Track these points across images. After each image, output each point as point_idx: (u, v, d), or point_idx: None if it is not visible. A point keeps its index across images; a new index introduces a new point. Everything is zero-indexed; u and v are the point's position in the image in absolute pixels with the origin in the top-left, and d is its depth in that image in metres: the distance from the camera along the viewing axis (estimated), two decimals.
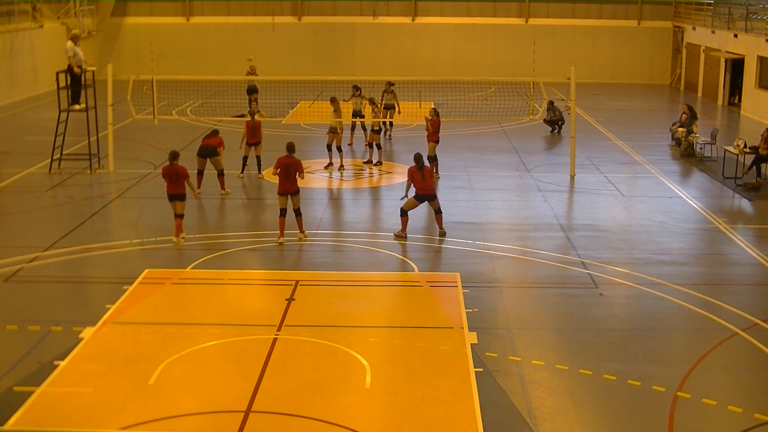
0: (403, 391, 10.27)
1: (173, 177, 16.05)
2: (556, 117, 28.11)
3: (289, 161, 15.93)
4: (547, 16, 42.71)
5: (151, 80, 23.83)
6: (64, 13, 38.77)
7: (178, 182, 16.05)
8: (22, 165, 22.50)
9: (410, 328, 12.18)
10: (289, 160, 15.95)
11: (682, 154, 24.69)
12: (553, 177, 21.79)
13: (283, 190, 15.99)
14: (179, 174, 16.03)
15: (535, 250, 15.82)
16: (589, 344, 11.74)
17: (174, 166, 16.07)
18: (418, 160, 16.31)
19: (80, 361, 11.01)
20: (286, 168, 15.89)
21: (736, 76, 34.20)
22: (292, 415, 9.67)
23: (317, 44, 42.84)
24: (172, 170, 16.06)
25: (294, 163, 15.93)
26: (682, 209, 18.89)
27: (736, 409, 9.89)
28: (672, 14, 42.54)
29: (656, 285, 13.99)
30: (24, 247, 15.73)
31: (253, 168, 21.53)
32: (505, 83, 35.26)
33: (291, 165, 15.91)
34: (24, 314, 12.63)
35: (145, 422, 9.49)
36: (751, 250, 15.96)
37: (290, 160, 15.94)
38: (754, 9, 33.98)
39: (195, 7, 43.29)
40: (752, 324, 12.43)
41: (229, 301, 13.37)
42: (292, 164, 15.92)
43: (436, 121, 21.22)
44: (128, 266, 14.74)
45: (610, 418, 9.73)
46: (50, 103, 29.28)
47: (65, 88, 21.95)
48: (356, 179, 21.71)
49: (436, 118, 21.25)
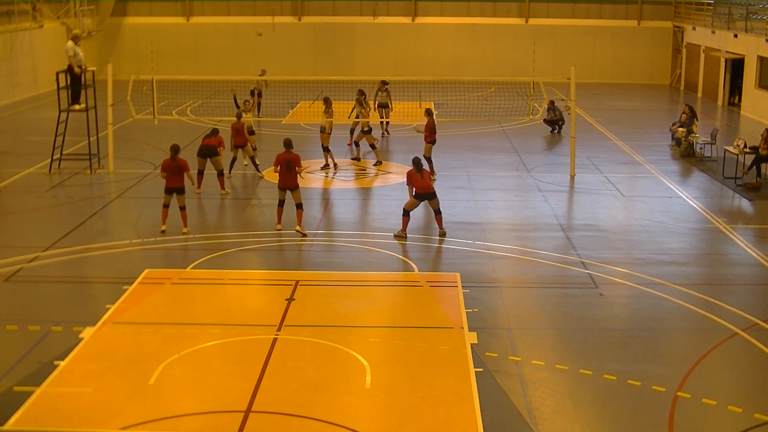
0: (403, 391, 10.27)
1: (174, 170, 16.30)
2: (556, 117, 28.12)
3: (289, 157, 16.15)
4: (547, 16, 42.71)
5: (151, 80, 23.85)
6: (64, 13, 38.77)
7: (179, 175, 16.34)
8: (22, 165, 22.50)
9: (410, 328, 12.18)
10: (288, 155, 16.17)
11: (682, 154, 24.69)
12: (553, 177, 21.80)
13: (284, 185, 16.25)
14: (181, 167, 16.32)
15: (535, 250, 15.82)
16: (589, 344, 11.75)
17: (176, 160, 16.32)
18: (416, 163, 16.37)
19: (80, 361, 11.01)
20: (286, 163, 16.12)
21: (736, 76, 34.20)
22: (292, 415, 9.67)
23: (317, 44, 42.85)
24: (174, 164, 16.30)
25: (293, 158, 16.17)
26: (682, 209, 18.89)
27: (736, 409, 9.89)
28: (672, 14, 42.55)
29: (656, 285, 13.99)
30: (24, 247, 15.73)
31: (242, 168, 21.51)
32: (505, 83, 35.26)
33: (291, 160, 16.15)
34: (24, 314, 12.63)
35: (145, 422, 9.49)
36: (751, 250, 15.96)
37: (289, 156, 16.16)
38: (754, 9, 33.98)
39: (195, 7, 43.29)
40: (752, 324, 12.44)
41: (229, 301, 13.37)
42: (291, 159, 16.15)
43: (429, 123, 21.09)
44: (128, 266, 14.75)
45: (610, 418, 9.73)
46: (50, 103, 29.28)
47: (65, 88, 21.95)
48: (356, 179, 21.71)
49: (429, 120, 21.11)
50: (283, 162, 16.18)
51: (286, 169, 16.16)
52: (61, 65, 22.46)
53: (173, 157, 16.34)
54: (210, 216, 18.57)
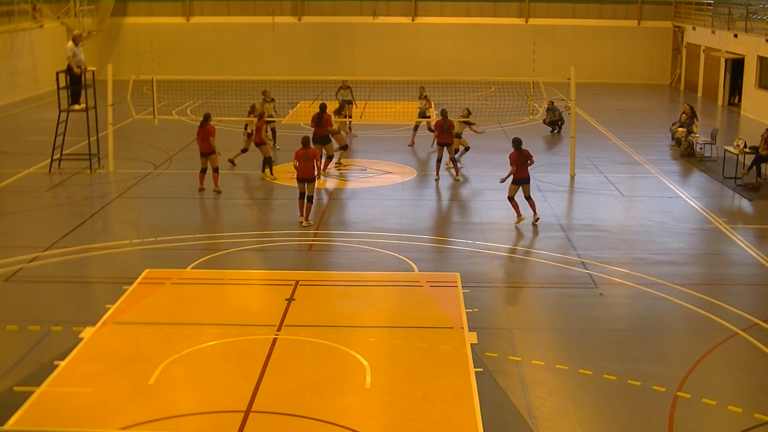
0: (403, 391, 10.27)
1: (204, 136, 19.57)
2: (556, 117, 28.12)
3: (307, 151, 17.14)
4: (547, 16, 42.70)
5: (151, 80, 23.84)
6: (64, 13, 38.76)
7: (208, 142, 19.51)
8: (22, 165, 22.50)
9: (410, 328, 12.18)
10: (306, 150, 17.14)
11: (682, 154, 24.69)
12: (553, 177, 21.79)
13: (302, 176, 17.06)
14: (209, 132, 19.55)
15: (535, 250, 15.82)
16: (589, 344, 11.75)
17: (206, 127, 19.57)
18: (517, 144, 17.10)
19: (80, 361, 11.02)
20: (305, 155, 17.02)
21: (736, 76, 34.19)
22: (292, 415, 9.67)
23: (317, 44, 42.84)
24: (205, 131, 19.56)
25: (311, 153, 17.21)
26: (682, 209, 18.89)
27: (736, 409, 9.89)
28: (672, 14, 42.55)
29: (656, 285, 13.99)
30: (24, 247, 15.73)
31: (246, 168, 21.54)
32: (505, 83, 35.23)
33: (309, 153, 17.16)
34: (24, 314, 12.63)
35: (145, 422, 9.49)
36: (751, 250, 15.96)
37: (308, 151, 17.15)
38: (754, 9, 33.98)
39: (195, 7, 43.28)
40: (752, 324, 12.44)
41: (229, 301, 13.37)
42: (309, 152, 17.17)
43: (438, 123, 21.08)
44: (128, 266, 14.74)
45: (610, 418, 9.73)
46: (50, 103, 29.26)
47: (65, 88, 21.95)
48: (356, 179, 21.70)
49: (441, 119, 21.07)
50: (301, 156, 17.01)
51: (304, 160, 16.98)
52: (61, 65, 22.46)
53: (203, 125, 19.55)
54: (210, 216, 18.57)
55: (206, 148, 19.53)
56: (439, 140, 21.02)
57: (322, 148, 20.94)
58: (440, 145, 21.04)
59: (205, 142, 19.52)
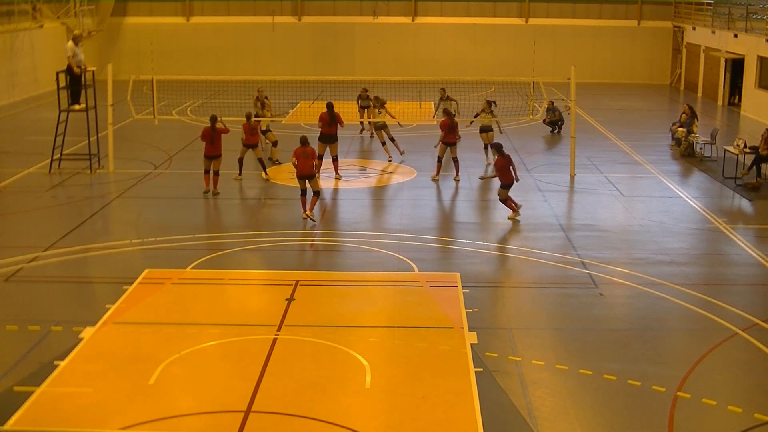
0: (403, 391, 10.27)
1: (212, 138, 19.34)
2: (556, 117, 28.12)
3: (305, 149, 17.42)
4: (547, 16, 42.70)
5: (151, 80, 23.84)
6: (64, 13, 38.76)
7: (216, 144, 19.35)
8: (22, 165, 22.50)
9: (410, 328, 12.18)
10: (305, 149, 17.38)
11: (682, 154, 24.68)
12: (553, 177, 21.80)
13: (301, 173, 17.36)
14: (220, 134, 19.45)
15: (535, 250, 15.82)
16: (589, 344, 11.75)
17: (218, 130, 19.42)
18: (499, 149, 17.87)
19: (80, 361, 11.01)
20: (303, 153, 17.35)
21: (736, 76, 34.19)
22: (292, 415, 9.67)
23: (317, 44, 42.84)
24: (215, 133, 19.37)
25: (310, 151, 17.46)
26: (682, 209, 18.89)
27: (736, 409, 9.89)
28: (672, 14, 42.55)
29: (656, 285, 13.99)
30: (24, 247, 15.73)
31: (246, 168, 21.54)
32: (505, 83, 35.22)
33: (307, 151, 17.42)
34: (24, 314, 12.63)
35: (145, 422, 9.49)
36: (751, 250, 15.96)
37: (306, 149, 17.45)
38: (754, 9, 33.98)
39: (195, 7, 43.29)
40: (752, 324, 12.44)
41: (229, 301, 13.37)
42: (308, 150, 17.43)
43: (444, 122, 21.05)
44: (128, 266, 14.74)
45: (610, 418, 9.73)
46: (50, 103, 29.26)
47: (65, 88, 21.95)
48: (356, 179, 21.70)
49: (446, 119, 21.07)
50: (300, 154, 17.31)
51: (303, 157, 17.27)
52: (61, 65, 22.46)
53: (211, 126, 19.33)
54: (210, 216, 18.57)
55: (217, 150, 19.41)
56: (444, 140, 21.00)
57: (327, 147, 20.88)
58: (444, 144, 21.03)
59: (218, 144, 19.38)
